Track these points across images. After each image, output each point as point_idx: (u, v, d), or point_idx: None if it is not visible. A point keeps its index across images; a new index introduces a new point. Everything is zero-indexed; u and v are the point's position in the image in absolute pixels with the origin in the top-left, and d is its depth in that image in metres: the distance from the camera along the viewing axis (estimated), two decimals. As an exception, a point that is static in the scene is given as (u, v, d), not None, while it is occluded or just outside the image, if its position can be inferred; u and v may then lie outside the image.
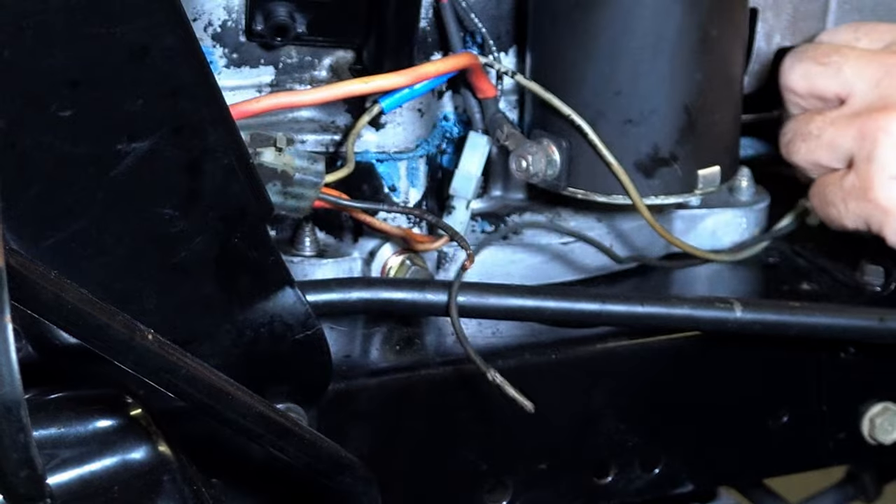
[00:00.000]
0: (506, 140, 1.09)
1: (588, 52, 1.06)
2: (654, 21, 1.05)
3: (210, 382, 0.77)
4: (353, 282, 1.03)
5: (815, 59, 1.10)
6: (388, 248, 1.10)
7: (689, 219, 1.20)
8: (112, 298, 0.74)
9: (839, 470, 1.50)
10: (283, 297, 0.93)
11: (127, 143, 0.83)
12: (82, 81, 0.80)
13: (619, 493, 1.11)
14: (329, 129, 1.09)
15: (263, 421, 0.81)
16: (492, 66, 1.10)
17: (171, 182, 0.86)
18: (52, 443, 0.79)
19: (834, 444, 1.16)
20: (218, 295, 0.91)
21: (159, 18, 0.81)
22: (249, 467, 0.95)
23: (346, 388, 1.01)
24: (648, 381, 1.09)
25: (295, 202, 0.99)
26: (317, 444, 0.86)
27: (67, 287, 0.68)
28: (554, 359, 1.06)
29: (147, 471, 0.80)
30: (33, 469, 0.62)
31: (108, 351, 0.71)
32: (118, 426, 0.81)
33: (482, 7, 1.12)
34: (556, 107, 1.07)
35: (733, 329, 1.05)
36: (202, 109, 0.85)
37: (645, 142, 1.07)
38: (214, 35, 1.06)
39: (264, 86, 1.09)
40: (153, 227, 0.86)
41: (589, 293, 1.06)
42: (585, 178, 1.09)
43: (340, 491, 0.89)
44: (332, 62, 1.10)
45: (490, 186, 1.18)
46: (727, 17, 1.07)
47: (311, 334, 0.94)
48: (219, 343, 0.92)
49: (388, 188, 1.10)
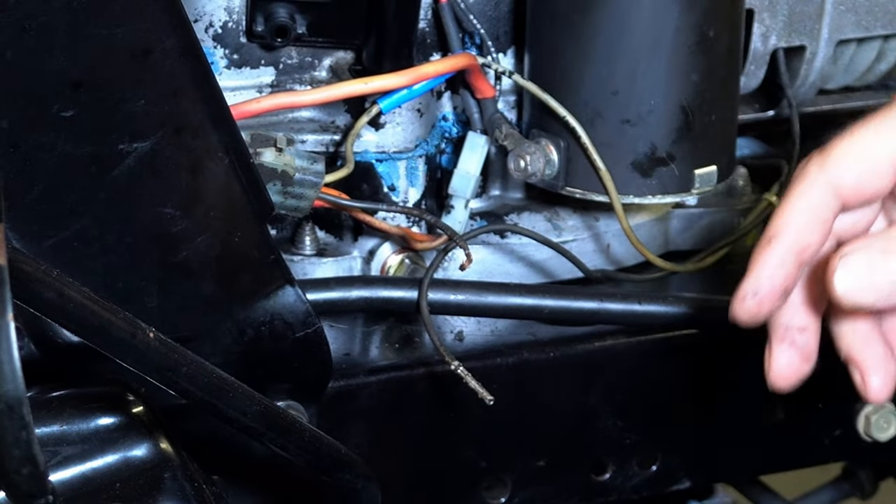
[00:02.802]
0: (504, 140, 1.10)
1: (586, 53, 1.06)
2: (652, 22, 1.05)
3: (211, 380, 0.77)
4: (352, 280, 1.03)
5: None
6: (387, 247, 1.11)
7: (686, 218, 1.21)
8: (114, 297, 0.75)
9: (835, 467, 1.50)
10: (284, 295, 0.93)
11: (128, 144, 0.83)
12: (84, 82, 0.80)
13: (617, 489, 1.11)
14: (329, 129, 1.09)
15: (264, 418, 0.81)
16: (490, 66, 1.11)
17: (173, 182, 0.86)
18: (54, 440, 0.79)
19: (830, 442, 1.17)
20: (219, 293, 0.91)
21: (161, 20, 0.82)
22: (250, 465, 0.96)
23: (346, 386, 1.01)
24: (646, 379, 1.10)
25: (295, 202, 0.99)
26: (317, 441, 0.86)
27: (69, 285, 0.69)
28: (552, 356, 1.07)
29: (148, 468, 0.80)
30: (35, 466, 0.62)
31: (109, 349, 0.71)
32: (120, 424, 0.81)
33: (481, 8, 1.12)
34: (551, 107, 1.07)
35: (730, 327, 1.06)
36: (203, 110, 0.86)
37: (642, 142, 1.08)
38: (215, 36, 1.07)
39: (265, 86, 1.09)
40: (155, 226, 0.86)
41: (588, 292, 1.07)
42: (583, 177, 1.09)
43: (340, 488, 0.90)
44: (332, 63, 1.10)
45: (489, 186, 1.18)
46: (724, 17, 1.07)
47: (311, 332, 0.95)
48: (220, 341, 0.92)
49: (388, 188, 1.10)
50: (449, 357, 0.94)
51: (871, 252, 0.80)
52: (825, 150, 0.84)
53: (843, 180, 0.83)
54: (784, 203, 0.84)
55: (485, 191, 1.18)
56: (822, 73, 1.24)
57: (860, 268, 0.80)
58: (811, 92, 1.26)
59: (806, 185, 0.83)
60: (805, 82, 1.24)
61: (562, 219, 1.16)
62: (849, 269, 0.80)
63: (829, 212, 0.84)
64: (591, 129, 1.07)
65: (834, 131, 0.86)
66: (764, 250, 0.83)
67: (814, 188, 0.83)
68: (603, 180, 1.07)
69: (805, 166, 0.84)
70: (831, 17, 1.21)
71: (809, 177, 0.83)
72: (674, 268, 1.14)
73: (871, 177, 0.83)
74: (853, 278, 0.80)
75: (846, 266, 0.80)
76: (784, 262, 0.83)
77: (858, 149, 0.83)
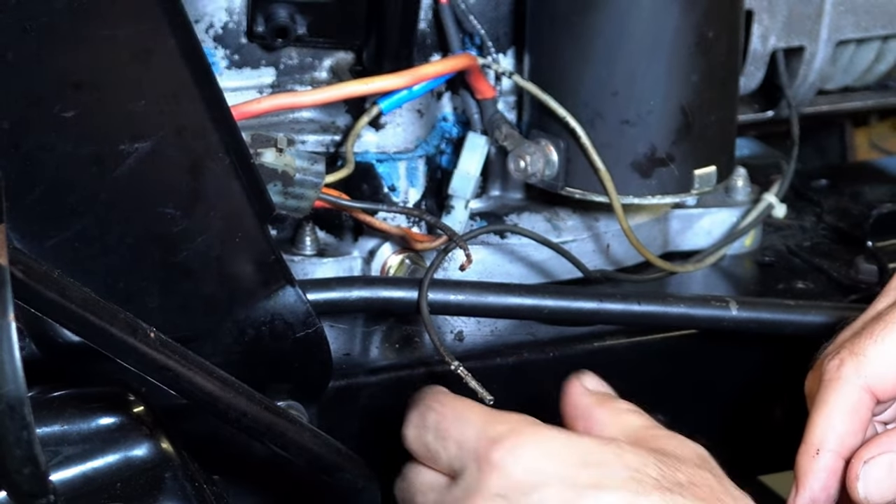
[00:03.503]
0: (504, 140, 1.10)
1: (585, 54, 1.07)
2: (651, 23, 1.05)
3: (212, 380, 0.77)
4: (353, 281, 1.03)
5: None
6: (387, 248, 1.11)
7: (686, 218, 1.21)
8: (115, 297, 0.75)
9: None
10: (284, 295, 0.93)
11: (129, 144, 0.83)
12: (85, 83, 0.80)
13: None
14: (329, 129, 1.09)
15: (265, 418, 0.81)
16: (490, 66, 1.11)
17: (173, 182, 0.86)
18: (55, 440, 0.79)
19: (829, 441, 1.16)
20: (219, 293, 0.91)
21: (161, 20, 0.82)
22: (251, 464, 0.96)
23: (346, 386, 1.01)
24: (645, 379, 1.10)
25: (295, 202, 0.99)
26: (318, 441, 0.86)
27: (70, 286, 0.69)
28: (552, 356, 1.07)
29: (149, 468, 0.80)
30: (36, 466, 0.62)
31: (110, 349, 0.72)
32: (120, 423, 0.81)
33: (481, 9, 1.12)
34: (551, 107, 1.07)
35: (729, 327, 1.06)
36: (204, 110, 0.86)
37: (642, 142, 1.08)
38: (216, 36, 1.07)
39: (265, 87, 1.09)
40: (155, 226, 0.86)
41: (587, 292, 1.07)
42: (583, 178, 1.09)
43: (341, 488, 0.90)
44: (332, 63, 1.10)
45: (489, 186, 1.18)
46: (723, 18, 1.08)
47: (311, 332, 0.95)
48: (220, 341, 0.92)
49: (388, 188, 1.10)
50: (449, 357, 0.94)
51: (892, 455, 0.83)
52: (855, 349, 0.85)
53: (880, 383, 0.85)
54: (823, 406, 0.85)
55: (485, 191, 1.18)
56: (821, 74, 1.24)
57: (882, 474, 0.83)
58: (810, 92, 1.26)
59: (844, 388, 0.85)
60: (804, 83, 1.24)
61: (561, 219, 1.16)
62: (871, 477, 0.83)
63: (868, 413, 0.85)
64: (591, 130, 1.07)
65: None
66: (812, 461, 0.85)
67: (853, 392, 0.85)
68: (602, 181, 1.07)
69: (838, 367, 0.85)
70: (830, 18, 1.21)
71: (846, 379, 0.85)
72: (673, 268, 1.14)
73: None
74: (875, 486, 0.83)
75: (868, 475, 0.83)
76: (834, 471, 0.84)
77: (892, 352, 0.85)
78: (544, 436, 0.78)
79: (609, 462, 0.77)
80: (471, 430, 0.79)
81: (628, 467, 0.76)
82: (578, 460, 0.77)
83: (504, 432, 0.78)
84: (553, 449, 0.77)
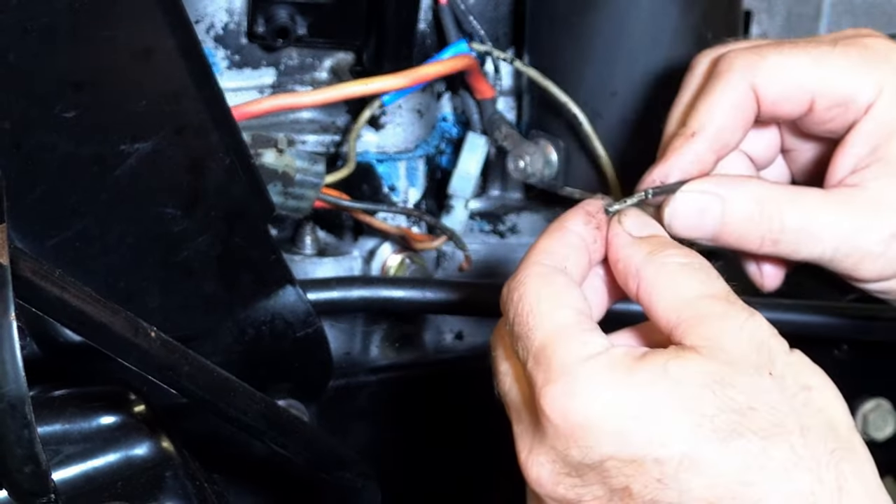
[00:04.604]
0: (504, 140, 1.10)
1: (585, 54, 1.07)
2: (650, 23, 1.05)
3: (212, 379, 0.77)
4: (353, 280, 1.04)
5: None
6: (387, 247, 1.11)
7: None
8: (115, 296, 0.75)
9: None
10: (285, 295, 0.94)
11: (130, 144, 0.83)
12: (86, 83, 0.81)
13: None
14: (329, 129, 1.09)
15: (265, 417, 0.81)
16: (490, 53, 1.10)
17: (174, 182, 0.86)
18: (56, 439, 0.79)
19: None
20: (220, 293, 0.91)
21: (162, 21, 0.82)
22: (251, 463, 0.96)
23: (346, 385, 1.02)
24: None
25: (296, 202, 0.99)
26: (317, 440, 0.87)
27: (71, 285, 0.69)
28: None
29: (150, 467, 0.80)
30: (37, 465, 0.62)
31: (111, 348, 0.72)
32: (121, 423, 0.81)
33: (480, 9, 1.13)
34: (553, 94, 1.07)
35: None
36: (204, 110, 0.86)
37: (641, 142, 1.08)
38: (216, 37, 1.07)
39: (266, 87, 1.10)
40: (156, 226, 0.87)
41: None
42: (582, 177, 1.09)
43: (341, 486, 0.90)
44: (332, 64, 1.11)
45: (488, 186, 1.18)
46: (722, 19, 1.08)
47: (311, 332, 0.95)
48: (221, 340, 0.92)
49: (388, 188, 1.10)
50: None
51: (710, 198, 0.80)
52: (757, 50, 0.82)
53: (767, 90, 0.81)
54: (707, 96, 0.82)
55: (484, 191, 1.18)
56: (820, 74, 1.25)
57: (691, 211, 0.80)
58: (810, 93, 1.26)
59: (732, 82, 0.81)
60: (803, 83, 1.24)
61: (561, 219, 1.16)
62: (679, 208, 0.80)
63: (750, 116, 0.82)
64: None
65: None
66: (685, 141, 0.81)
67: (740, 88, 0.81)
68: (604, 169, 1.07)
69: (730, 62, 0.82)
70: (829, 19, 1.21)
71: (736, 75, 0.81)
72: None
73: (790, 97, 0.81)
74: (682, 221, 0.80)
75: (678, 203, 0.80)
76: (701, 160, 0.81)
77: (790, 65, 0.81)
78: (594, 381, 0.71)
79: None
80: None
81: (686, 410, 0.69)
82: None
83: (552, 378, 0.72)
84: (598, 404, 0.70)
